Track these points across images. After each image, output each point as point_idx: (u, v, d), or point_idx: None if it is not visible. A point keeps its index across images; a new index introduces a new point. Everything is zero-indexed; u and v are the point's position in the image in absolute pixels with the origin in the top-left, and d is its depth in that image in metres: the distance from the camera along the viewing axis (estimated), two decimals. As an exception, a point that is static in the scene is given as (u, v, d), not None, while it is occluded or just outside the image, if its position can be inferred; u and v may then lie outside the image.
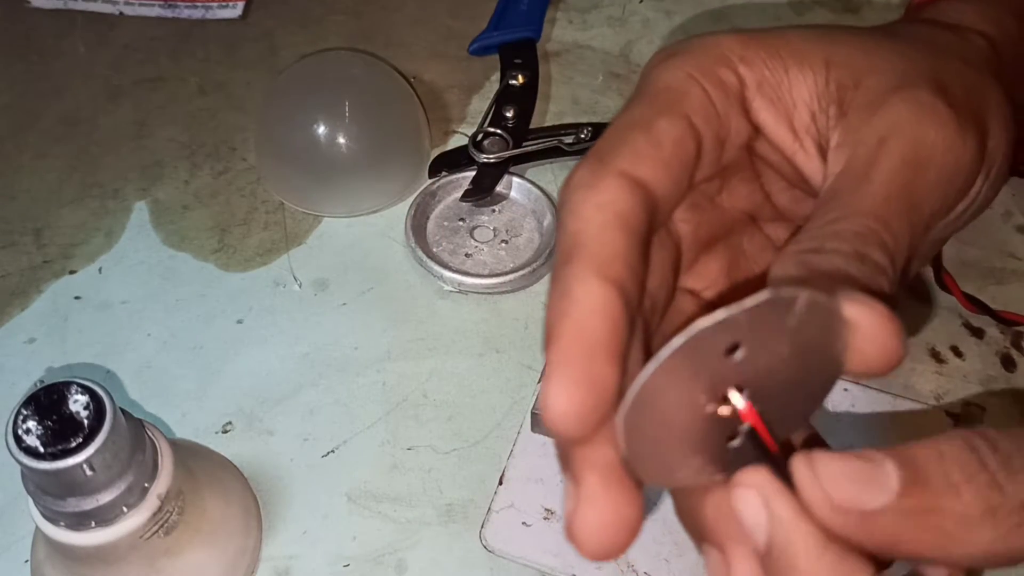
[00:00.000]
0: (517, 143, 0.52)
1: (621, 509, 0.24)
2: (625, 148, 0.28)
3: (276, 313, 0.48)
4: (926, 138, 0.29)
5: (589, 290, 0.25)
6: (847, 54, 0.31)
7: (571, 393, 0.23)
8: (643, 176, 0.28)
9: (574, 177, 0.28)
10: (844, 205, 0.28)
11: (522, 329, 0.48)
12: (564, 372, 0.23)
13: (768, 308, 0.22)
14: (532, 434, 0.44)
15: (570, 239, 0.26)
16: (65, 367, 0.46)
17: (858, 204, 0.28)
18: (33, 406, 0.32)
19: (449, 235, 0.51)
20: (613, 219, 0.26)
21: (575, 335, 0.24)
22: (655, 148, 0.28)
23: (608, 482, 0.24)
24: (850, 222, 0.27)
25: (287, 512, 0.42)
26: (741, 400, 0.23)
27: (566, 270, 0.25)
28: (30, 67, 0.60)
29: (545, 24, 0.59)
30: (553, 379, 0.23)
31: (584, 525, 0.23)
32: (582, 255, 0.25)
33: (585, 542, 0.23)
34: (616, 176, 0.27)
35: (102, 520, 0.33)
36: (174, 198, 0.53)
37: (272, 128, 0.53)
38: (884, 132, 0.29)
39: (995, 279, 0.48)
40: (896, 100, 0.30)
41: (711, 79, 0.30)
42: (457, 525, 0.42)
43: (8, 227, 0.52)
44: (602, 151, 0.28)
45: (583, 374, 0.23)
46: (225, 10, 0.62)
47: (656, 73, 0.31)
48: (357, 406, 0.45)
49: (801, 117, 0.31)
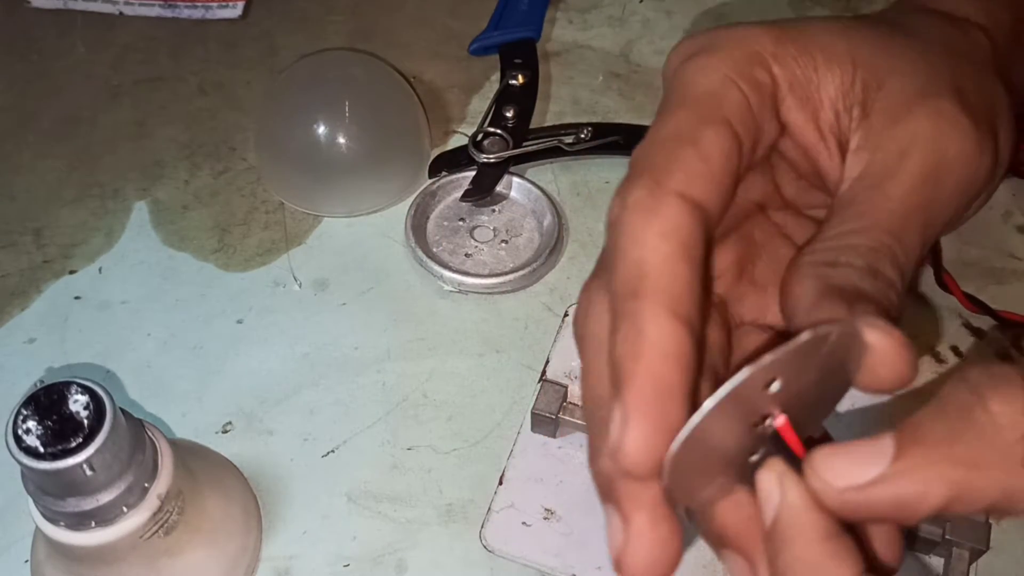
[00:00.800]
0: (517, 143, 0.52)
1: (668, 544, 0.25)
2: (679, 166, 0.27)
3: (276, 313, 0.48)
4: (947, 152, 0.29)
5: (663, 331, 0.25)
6: (871, 53, 0.31)
7: (650, 438, 0.24)
8: (698, 197, 0.27)
9: (629, 198, 0.27)
10: (860, 216, 0.28)
11: (522, 329, 0.48)
12: (644, 417, 0.24)
13: (807, 346, 0.23)
14: (532, 434, 0.44)
15: (634, 269, 0.26)
16: (65, 367, 0.46)
17: (875, 217, 0.28)
18: (33, 406, 0.32)
19: (449, 235, 0.51)
20: (678, 249, 0.26)
21: (653, 379, 0.24)
22: (706, 164, 0.28)
23: (656, 519, 0.25)
24: (865, 236, 0.27)
25: (287, 512, 0.42)
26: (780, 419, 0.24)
27: (636, 305, 0.25)
28: (30, 67, 0.60)
29: (545, 24, 0.60)
30: (632, 424, 0.24)
31: (635, 560, 0.24)
32: (652, 290, 0.25)
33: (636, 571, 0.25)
34: (675, 199, 0.26)
35: (102, 520, 0.33)
36: (174, 198, 0.53)
37: (272, 128, 0.53)
38: (906, 144, 0.29)
39: (995, 279, 0.48)
40: (919, 110, 0.29)
41: (748, 81, 0.29)
42: (457, 525, 0.42)
43: (8, 227, 0.52)
44: (655, 168, 0.27)
45: (661, 420, 0.24)
46: (225, 10, 0.62)
47: (690, 74, 0.30)
48: (357, 406, 0.45)
49: (827, 116, 0.31)
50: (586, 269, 0.49)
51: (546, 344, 0.47)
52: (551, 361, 0.46)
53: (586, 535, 0.41)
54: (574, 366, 0.45)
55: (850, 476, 0.23)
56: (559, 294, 0.49)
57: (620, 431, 0.24)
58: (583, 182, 0.53)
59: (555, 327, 0.47)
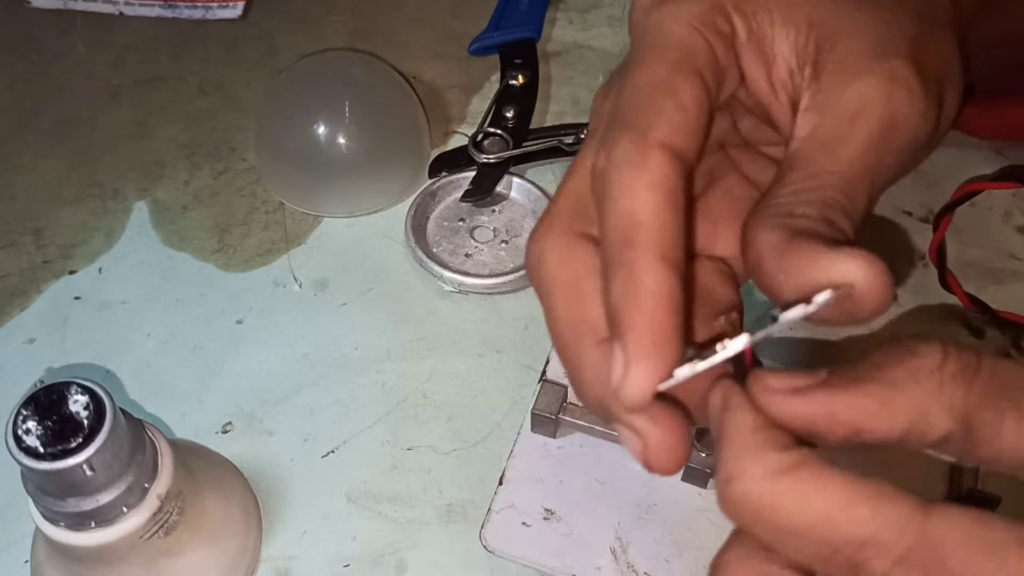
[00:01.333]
0: (517, 143, 0.52)
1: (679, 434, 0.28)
2: (661, 119, 0.28)
3: (276, 313, 0.48)
4: (896, 116, 0.30)
5: (658, 278, 0.26)
6: (828, 13, 0.31)
7: (650, 379, 0.26)
8: (680, 147, 0.28)
9: (616, 150, 0.28)
10: (812, 176, 0.29)
11: (522, 329, 0.48)
12: (645, 361, 0.26)
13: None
14: (532, 434, 0.44)
15: (626, 220, 0.27)
16: (65, 367, 0.46)
17: (826, 179, 0.29)
18: (33, 406, 0.32)
19: (449, 235, 0.51)
20: (666, 200, 0.27)
21: (651, 325, 0.26)
22: (683, 114, 0.29)
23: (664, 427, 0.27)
24: (818, 194, 0.29)
25: (287, 512, 0.42)
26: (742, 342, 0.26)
27: (631, 255, 0.27)
28: (30, 67, 0.60)
29: (545, 24, 0.59)
30: (635, 367, 0.26)
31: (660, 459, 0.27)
32: (645, 240, 0.27)
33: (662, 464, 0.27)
34: (660, 151, 0.28)
35: (102, 520, 0.33)
36: (174, 198, 0.53)
37: (272, 128, 0.53)
38: (856, 106, 0.30)
39: (995, 279, 0.48)
40: (871, 71, 0.30)
41: (712, 29, 0.30)
42: (457, 525, 0.42)
43: (8, 227, 0.52)
44: (638, 121, 0.28)
45: (660, 362, 0.26)
46: (225, 10, 0.62)
47: (657, 23, 0.30)
48: (357, 406, 0.45)
49: (779, 72, 0.31)
50: (586, 269, 0.49)
51: (546, 344, 0.47)
52: (551, 361, 0.46)
53: (586, 535, 0.41)
54: (574, 366, 0.45)
55: (782, 383, 0.25)
56: (559, 294, 0.49)
57: (623, 373, 0.26)
58: (583, 182, 0.53)
59: (555, 327, 0.47)
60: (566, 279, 0.30)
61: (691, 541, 0.41)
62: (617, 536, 0.41)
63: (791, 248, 0.27)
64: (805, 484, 0.24)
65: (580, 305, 0.29)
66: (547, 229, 0.30)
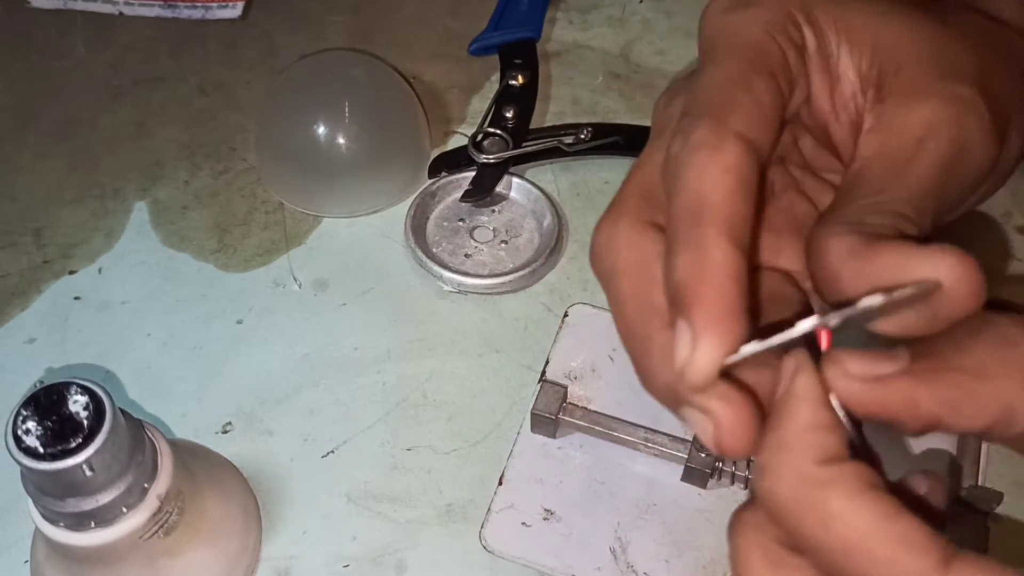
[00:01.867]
0: (517, 143, 0.52)
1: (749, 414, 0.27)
2: (738, 109, 0.28)
3: (276, 313, 0.48)
4: (965, 140, 0.30)
5: (727, 255, 0.26)
6: (896, 38, 0.31)
7: (717, 351, 0.26)
8: (755, 138, 0.28)
9: (693, 135, 0.28)
10: (880, 191, 0.29)
11: (522, 329, 0.48)
12: (712, 331, 0.26)
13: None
14: (532, 434, 0.44)
15: (698, 199, 0.27)
16: (65, 367, 0.47)
17: (895, 193, 0.29)
18: (33, 406, 0.32)
19: (449, 235, 0.51)
20: (738, 185, 0.27)
21: (719, 299, 0.26)
22: (759, 108, 0.29)
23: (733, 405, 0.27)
24: (889, 205, 0.28)
25: (287, 512, 0.42)
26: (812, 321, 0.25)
27: (700, 232, 0.27)
28: (30, 67, 0.60)
29: (545, 24, 0.59)
30: (701, 339, 0.26)
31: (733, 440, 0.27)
32: (716, 219, 0.27)
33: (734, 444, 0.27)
34: (736, 138, 0.28)
35: (102, 520, 0.33)
36: (174, 198, 0.53)
37: (272, 128, 0.53)
38: (923, 129, 0.29)
39: (995, 279, 0.48)
40: (937, 95, 0.30)
41: (785, 37, 0.30)
42: (457, 525, 0.42)
43: (8, 227, 0.52)
44: (716, 109, 0.28)
45: (728, 334, 0.26)
46: (225, 10, 0.62)
47: (733, 25, 0.31)
48: (357, 406, 0.45)
49: (842, 92, 0.31)
50: (586, 269, 0.49)
51: (546, 344, 0.47)
52: (551, 361, 0.46)
53: (586, 535, 0.41)
54: (574, 366, 0.45)
55: (862, 369, 0.25)
56: (559, 294, 0.49)
57: (690, 349, 0.26)
58: (583, 182, 0.53)
59: (555, 327, 0.47)
60: (634, 264, 0.29)
61: (691, 541, 0.41)
62: (617, 536, 0.41)
63: (874, 249, 0.26)
64: (833, 505, 0.24)
65: (648, 290, 0.29)
66: (615, 217, 0.30)
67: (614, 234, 0.30)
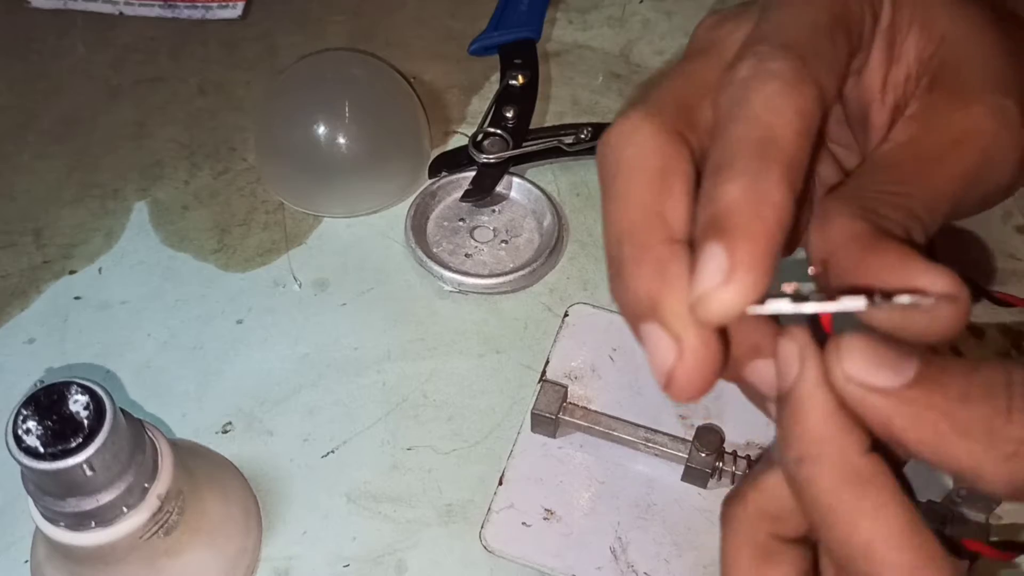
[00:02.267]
0: (517, 143, 0.52)
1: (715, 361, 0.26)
2: (820, 55, 0.28)
3: (276, 313, 0.48)
4: (996, 155, 0.29)
5: (785, 200, 0.25)
6: (964, 35, 0.31)
7: (750, 292, 0.24)
8: (826, 89, 0.28)
9: (772, 64, 0.27)
10: (902, 183, 0.28)
11: (522, 329, 0.48)
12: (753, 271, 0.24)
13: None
14: (532, 434, 0.44)
15: (767, 131, 0.26)
16: (65, 367, 0.46)
17: (916, 190, 0.28)
18: (33, 406, 0.32)
19: (449, 235, 0.51)
20: (807, 132, 0.26)
21: (767, 241, 0.25)
22: (836, 62, 0.28)
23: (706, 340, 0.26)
24: (906, 201, 0.28)
25: (287, 512, 0.42)
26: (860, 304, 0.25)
27: (764, 165, 0.25)
28: (30, 67, 0.60)
29: (545, 24, 0.59)
30: (739, 275, 0.24)
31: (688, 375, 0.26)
32: (782, 158, 0.25)
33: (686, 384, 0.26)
34: (814, 84, 0.27)
35: (102, 520, 0.33)
36: (174, 198, 0.53)
37: (272, 128, 0.53)
38: (961, 132, 0.29)
39: (996, 280, 0.48)
40: (984, 104, 0.30)
41: (869, 4, 0.30)
42: (457, 525, 0.42)
43: (8, 227, 0.52)
44: (798, 47, 0.27)
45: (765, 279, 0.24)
46: (225, 10, 0.62)
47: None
48: (357, 406, 0.45)
49: (897, 73, 0.31)
50: (586, 269, 0.49)
51: (546, 344, 0.47)
52: (551, 361, 0.46)
53: (586, 535, 0.41)
54: (574, 366, 0.45)
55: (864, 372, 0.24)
56: (559, 294, 0.49)
57: (720, 278, 0.24)
58: (583, 182, 0.53)
59: (555, 327, 0.47)
60: (653, 167, 0.28)
61: (691, 541, 0.41)
62: (617, 536, 0.41)
63: (880, 244, 0.26)
64: (864, 503, 0.24)
65: (662, 197, 0.27)
66: (644, 115, 0.28)
67: (637, 131, 0.28)
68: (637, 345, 0.29)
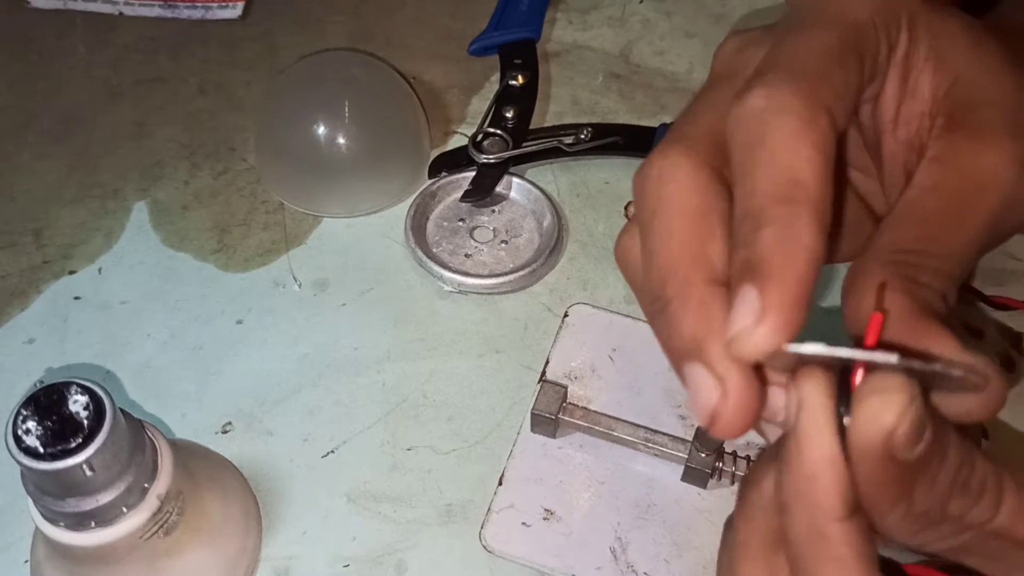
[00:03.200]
0: (517, 143, 0.52)
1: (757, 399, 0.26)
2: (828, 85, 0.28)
3: (276, 313, 0.48)
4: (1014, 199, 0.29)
5: (817, 242, 0.26)
6: (980, 76, 0.31)
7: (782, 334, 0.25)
8: (839, 120, 0.28)
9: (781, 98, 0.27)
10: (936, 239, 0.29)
11: (522, 329, 0.48)
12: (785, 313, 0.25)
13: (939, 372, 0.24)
14: (532, 434, 0.44)
15: (788, 175, 0.26)
16: (65, 367, 0.46)
17: (951, 246, 0.29)
18: (33, 406, 0.32)
19: (449, 235, 0.51)
20: (827, 167, 0.27)
21: (799, 284, 0.25)
22: (847, 91, 0.28)
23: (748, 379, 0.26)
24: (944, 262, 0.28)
25: (287, 512, 0.42)
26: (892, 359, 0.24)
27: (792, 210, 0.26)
28: (30, 67, 0.60)
29: (545, 24, 0.59)
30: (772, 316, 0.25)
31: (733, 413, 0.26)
32: (809, 201, 0.26)
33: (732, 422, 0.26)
34: (827, 115, 0.27)
35: (102, 520, 0.33)
36: (174, 198, 0.53)
37: (272, 128, 0.53)
38: (984, 179, 0.29)
39: (995, 280, 0.48)
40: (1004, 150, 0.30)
41: (884, 30, 0.30)
42: (457, 525, 0.42)
43: (8, 227, 0.52)
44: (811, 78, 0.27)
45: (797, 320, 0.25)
46: (225, 10, 0.62)
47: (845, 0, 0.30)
48: (357, 406, 0.45)
49: (910, 108, 0.31)
50: (586, 269, 0.50)
51: (546, 344, 0.47)
52: (551, 361, 0.46)
53: (586, 535, 0.41)
54: (574, 366, 0.45)
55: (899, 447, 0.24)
56: (559, 294, 0.49)
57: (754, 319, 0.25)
58: (583, 183, 0.53)
59: (555, 327, 0.47)
60: (695, 207, 0.28)
61: (691, 541, 0.41)
62: (617, 536, 0.41)
63: (920, 325, 0.26)
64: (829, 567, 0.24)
65: (704, 238, 0.28)
66: (682, 151, 0.29)
67: (677, 168, 0.29)
68: (637, 345, 0.29)
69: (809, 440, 0.24)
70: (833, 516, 0.24)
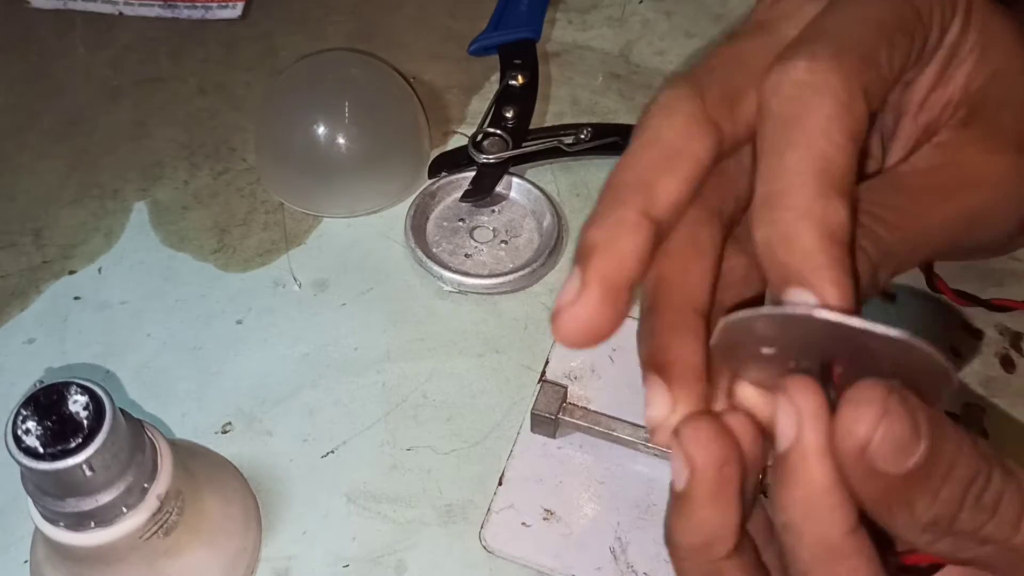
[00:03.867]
0: (517, 143, 0.52)
1: (608, 320, 0.28)
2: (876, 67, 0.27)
3: (276, 313, 0.48)
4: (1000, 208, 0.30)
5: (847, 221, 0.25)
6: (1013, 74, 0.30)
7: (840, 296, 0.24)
8: (876, 99, 0.27)
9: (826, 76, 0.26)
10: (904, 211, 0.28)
11: (522, 329, 0.48)
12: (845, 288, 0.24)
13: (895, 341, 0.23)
14: (532, 435, 0.44)
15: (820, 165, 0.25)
16: (65, 367, 0.46)
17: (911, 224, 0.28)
18: (33, 406, 0.32)
19: (449, 235, 0.51)
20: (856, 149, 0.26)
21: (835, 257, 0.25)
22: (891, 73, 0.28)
23: (613, 299, 0.27)
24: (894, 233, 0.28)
25: (287, 512, 0.42)
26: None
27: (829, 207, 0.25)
28: (30, 67, 0.60)
29: (545, 24, 0.59)
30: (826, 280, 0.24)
31: (574, 319, 0.28)
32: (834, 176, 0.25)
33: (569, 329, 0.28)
34: (864, 102, 0.26)
35: (102, 520, 0.33)
36: (174, 198, 0.53)
37: (272, 128, 0.53)
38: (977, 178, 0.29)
39: (995, 280, 0.48)
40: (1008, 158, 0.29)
41: (939, 13, 0.29)
42: (457, 525, 0.42)
43: (8, 227, 0.52)
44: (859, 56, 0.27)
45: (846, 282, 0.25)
46: (225, 10, 0.62)
47: None
48: (357, 406, 0.45)
49: (940, 95, 0.30)
50: (586, 269, 0.49)
51: (546, 344, 0.47)
52: (551, 362, 0.46)
53: (586, 535, 0.41)
54: (574, 366, 0.45)
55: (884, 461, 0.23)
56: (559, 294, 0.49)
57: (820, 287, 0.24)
58: (583, 183, 0.53)
59: (555, 327, 0.47)
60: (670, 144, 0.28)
61: (691, 541, 0.41)
62: (617, 536, 0.41)
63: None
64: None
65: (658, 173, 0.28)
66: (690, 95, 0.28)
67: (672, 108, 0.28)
68: (637, 346, 0.29)
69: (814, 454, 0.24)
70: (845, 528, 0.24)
